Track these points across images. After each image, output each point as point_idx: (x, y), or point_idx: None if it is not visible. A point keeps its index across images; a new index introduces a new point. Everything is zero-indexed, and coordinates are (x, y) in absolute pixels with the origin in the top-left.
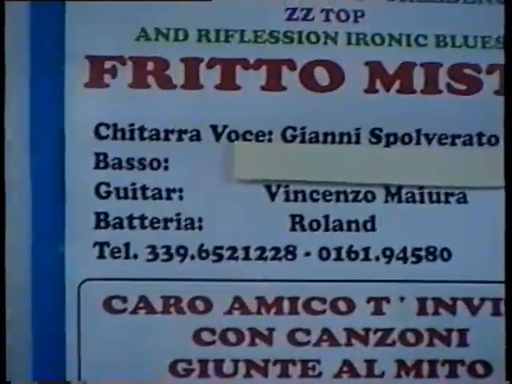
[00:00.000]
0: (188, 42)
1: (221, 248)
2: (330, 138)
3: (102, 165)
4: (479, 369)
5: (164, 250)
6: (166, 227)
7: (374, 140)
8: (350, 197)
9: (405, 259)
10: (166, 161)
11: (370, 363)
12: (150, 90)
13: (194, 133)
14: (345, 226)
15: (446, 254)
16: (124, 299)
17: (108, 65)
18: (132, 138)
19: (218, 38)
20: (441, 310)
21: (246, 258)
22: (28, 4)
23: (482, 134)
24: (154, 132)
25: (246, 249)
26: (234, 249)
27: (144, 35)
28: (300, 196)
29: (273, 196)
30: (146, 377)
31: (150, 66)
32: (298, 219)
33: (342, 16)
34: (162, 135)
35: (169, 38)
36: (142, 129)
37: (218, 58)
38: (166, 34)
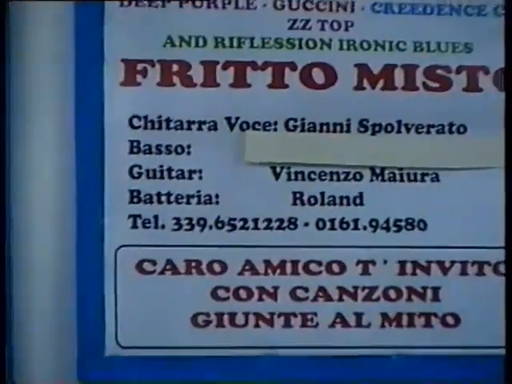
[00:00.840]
0: (206, 47)
1: (234, 219)
2: (325, 127)
3: (135, 150)
4: (450, 320)
5: (187, 221)
6: (188, 202)
7: (361, 129)
8: (342, 176)
9: (388, 229)
10: (189, 147)
11: (359, 316)
12: (175, 88)
13: (212, 123)
14: (337, 201)
15: (422, 225)
16: (153, 262)
17: (140, 67)
18: (160, 128)
19: (232, 44)
20: (418, 271)
21: (255, 227)
22: (73, 15)
23: (452, 123)
24: (178, 123)
25: (255, 220)
26: (245, 220)
27: (170, 42)
28: (300, 176)
29: (277, 176)
30: (171, 328)
31: (175, 67)
32: (298, 195)
33: (335, 26)
34: (185, 125)
35: (190, 44)
36: (168, 120)
37: (232, 61)
38: (188, 40)
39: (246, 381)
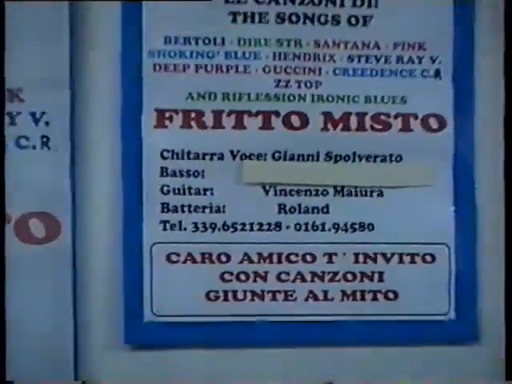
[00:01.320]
0: (216, 100)
1: (236, 224)
2: (301, 157)
3: (164, 174)
4: (391, 295)
5: (202, 225)
6: (203, 211)
7: (327, 159)
8: (313, 193)
9: (346, 230)
10: (203, 171)
11: (325, 292)
12: (192, 130)
13: (219, 155)
14: (310, 210)
15: (370, 227)
16: (178, 254)
17: (167, 114)
18: (182, 158)
19: (234, 98)
20: (368, 260)
21: (251, 229)
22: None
23: (392, 154)
24: (195, 154)
25: (251, 224)
26: (243, 224)
27: (190, 96)
28: (283, 192)
29: (267, 192)
30: (191, 301)
31: (193, 115)
32: (282, 206)
33: (308, 84)
34: (200, 156)
35: (205, 98)
36: (188, 152)
37: (234, 110)
38: (203, 95)
39: (244, 340)
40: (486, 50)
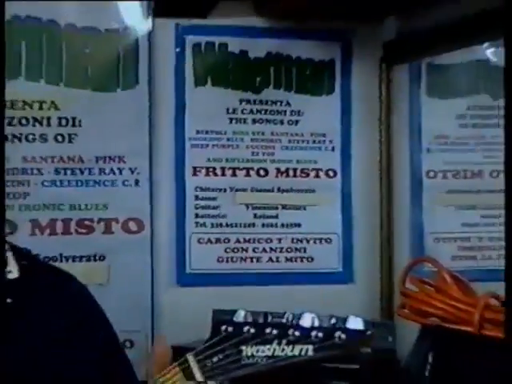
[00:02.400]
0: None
1: (235, 224)
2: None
3: (197, 199)
4: (310, 259)
5: (217, 222)
6: (215, 215)
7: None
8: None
9: (287, 226)
10: (216, 198)
11: (277, 258)
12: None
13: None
14: (273, 217)
15: (298, 225)
16: (203, 239)
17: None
18: (205, 191)
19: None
20: (298, 241)
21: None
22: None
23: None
24: (210, 189)
25: (242, 224)
26: (239, 224)
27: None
28: (256, 207)
29: (247, 208)
30: (209, 263)
31: None
32: (257, 216)
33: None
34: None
35: None
36: (207, 188)
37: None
38: None
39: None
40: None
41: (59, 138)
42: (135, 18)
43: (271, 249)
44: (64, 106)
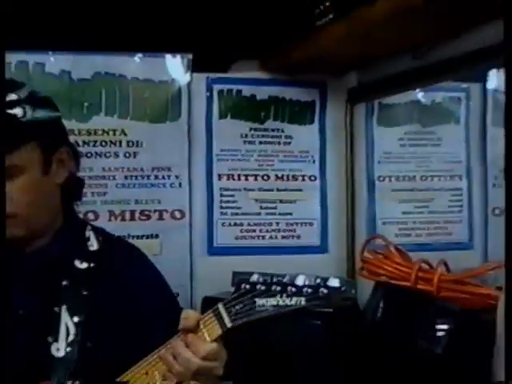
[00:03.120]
0: None
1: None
2: None
3: (222, 195)
4: (296, 238)
5: (232, 211)
6: (235, 208)
7: None
8: None
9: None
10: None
11: (270, 236)
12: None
13: None
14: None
15: (290, 214)
16: (225, 223)
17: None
18: (223, 191)
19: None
20: (289, 225)
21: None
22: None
23: None
24: (229, 189)
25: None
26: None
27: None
28: (261, 201)
29: (256, 202)
30: (228, 240)
31: None
32: (262, 208)
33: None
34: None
35: None
36: (227, 189)
37: None
38: None
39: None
40: None
41: (127, 154)
42: (179, 73)
43: (272, 230)
44: (130, 132)
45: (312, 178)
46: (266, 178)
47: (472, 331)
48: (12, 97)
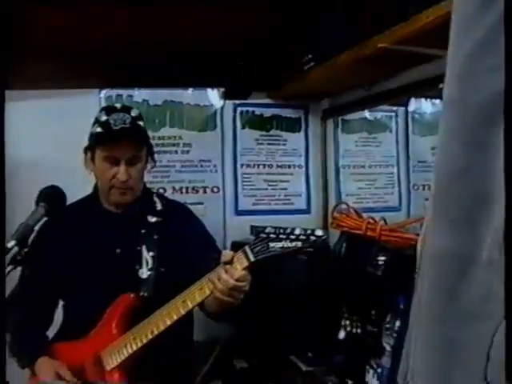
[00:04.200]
0: None
1: None
2: None
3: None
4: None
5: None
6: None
7: None
8: None
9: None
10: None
11: None
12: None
13: None
14: None
15: (286, 189)
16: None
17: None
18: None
19: None
20: None
21: None
22: None
23: None
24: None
25: None
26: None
27: None
28: (268, 180)
29: (265, 182)
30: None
31: None
32: (269, 185)
33: None
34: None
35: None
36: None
37: None
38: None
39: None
40: None
41: (183, 151)
42: (216, 100)
43: (275, 199)
44: (185, 138)
45: (300, 166)
46: (270, 166)
47: (399, 261)
48: (136, 112)
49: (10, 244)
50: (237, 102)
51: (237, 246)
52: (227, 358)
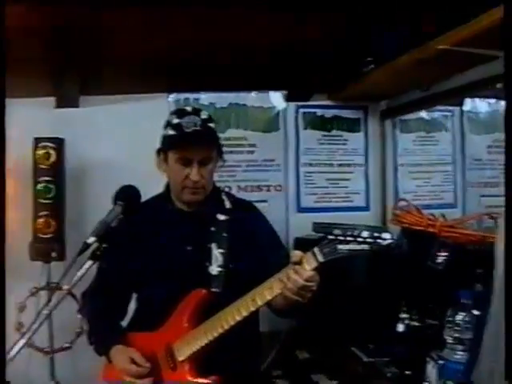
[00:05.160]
0: None
1: None
2: None
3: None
4: None
5: None
6: None
7: None
8: None
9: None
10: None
11: None
12: None
13: None
14: None
15: (346, 187)
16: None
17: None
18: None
19: None
20: None
21: None
22: None
23: None
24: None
25: None
26: None
27: None
28: (329, 179)
29: (325, 180)
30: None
31: None
32: (330, 183)
33: None
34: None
35: None
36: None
37: None
38: None
39: None
40: None
41: (248, 152)
42: (279, 102)
43: (335, 197)
44: (249, 138)
45: (359, 165)
46: (331, 165)
47: (460, 257)
48: (206, 114)
49: (91, 240)
50: (299, 103)
51: (300, 243)
52: (290, 348)
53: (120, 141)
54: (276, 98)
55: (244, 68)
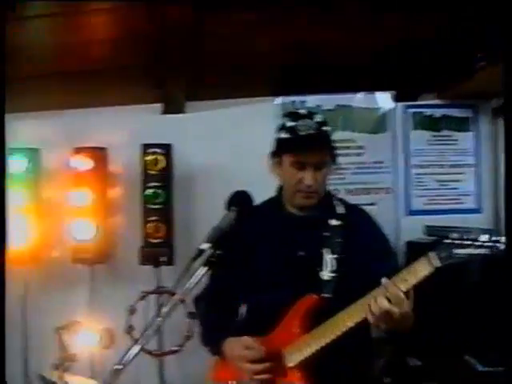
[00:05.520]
0: None
1: None
2: None
3: None
4: None
5: None
6: None
7: None
8: None
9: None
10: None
11: None
12: None
13: None
14: None
15: (456, 188)
16: None
17: None
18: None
19: None
20: None
21: None
22: None
23: None
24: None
25: None
26: None
27: None
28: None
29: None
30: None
31: None
32: None
33: None
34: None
35: None
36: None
37: None
38: None
39: None
40: None
41: (356, 154)
42: (387, 103)
43: (446, 199)
44: (357, 140)
45: (470, 166)
46: (441, 166)
47: None
48: (321, 118)
49: (204, 246)
50: (408, 103)
51: (412, 246)
52: (401, 355)
53: (227, 145)
54: (382, 99)
55: (350, 69)
